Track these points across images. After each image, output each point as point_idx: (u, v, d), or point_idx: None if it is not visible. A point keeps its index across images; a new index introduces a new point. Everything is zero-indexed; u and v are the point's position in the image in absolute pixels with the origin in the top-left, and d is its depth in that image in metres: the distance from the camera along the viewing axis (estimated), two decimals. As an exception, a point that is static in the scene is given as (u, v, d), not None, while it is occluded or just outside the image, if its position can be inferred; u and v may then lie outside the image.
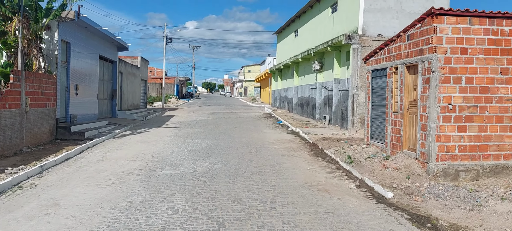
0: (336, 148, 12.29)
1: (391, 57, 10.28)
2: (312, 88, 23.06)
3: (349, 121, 16.68)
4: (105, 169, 9.81)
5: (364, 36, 16.60)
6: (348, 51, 17.74)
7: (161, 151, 12.35)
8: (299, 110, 26.25)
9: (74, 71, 16.52)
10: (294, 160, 11.03)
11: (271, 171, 9.49)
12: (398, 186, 7.98)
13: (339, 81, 18.68)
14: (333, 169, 10.03)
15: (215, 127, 19.64)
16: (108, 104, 22.61)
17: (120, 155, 11.74)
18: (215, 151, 12.30)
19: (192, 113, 29.68)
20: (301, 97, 25.65)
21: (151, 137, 15.75)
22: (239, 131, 17.79)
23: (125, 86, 25.74)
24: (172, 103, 46.55)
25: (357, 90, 16.53)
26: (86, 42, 17.87)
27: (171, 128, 19.22)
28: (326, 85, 20.58)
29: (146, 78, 33.48)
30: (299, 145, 13.83)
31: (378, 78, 11.25)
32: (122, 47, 23.27)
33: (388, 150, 10.27)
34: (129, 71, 27.05)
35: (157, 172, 9.38)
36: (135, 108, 28.23)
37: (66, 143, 13.74)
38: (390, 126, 10.22)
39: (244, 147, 13.15)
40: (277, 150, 12.57)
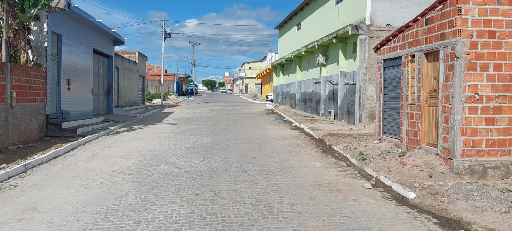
0: (345, 144, 11.43)
1: (407, 44, 9.40)
2: (316, 83, 22.19)
3: (356, 116, 15.81)
4: (95, 167, 8.97)
5: (372, 26, 15.72)
6: (355, 42, 16.86)
7: (157, 148, 11.51)
8: (302, 106, 25.39)
9: (66, 65, 15.66)
10: (301, 157, 10.17)
11: (276, 169, 8.64)
12: (420, 185, 7.12)
13: (345, 74, 17.81)
14: (344, 166, 9.17)
15: (215, 123, 18.79)
16: (104, 101, 21.76)
17: (113, 152, 10.91)
18: (215, 147, 11.45)
19: (192, 110, 28.83)
20: (305, 92, 24.78)
21: (148, 133, 14.90)
22: (240, 127, 16.94)
23: (122, 82, 24.89)
24: (172, 100, 45.67)
25: (364, 84, 15.66)
26: (79, 35, 17.01)
27: (169, 124, 18.38)
28: (331, 79, 19.71)
29: (144, 75, 32.62)
30: (304, 141, 12.97)
31: (391, 68, 10.38)
32: (118, 41, 22.41)
33: (403, 146, 9.41)
34: (126, 67, 26.19)
35: (151, 170, 8.53)
36: (132, 105, 27.38)
37: (57, 140, 12.90)
38: (405, 119, 9.36)
39: (246, 143, 12.30)
40: (281, 147, 11.71)
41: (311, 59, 23.14)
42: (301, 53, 23.74)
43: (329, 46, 20.06)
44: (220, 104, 36.97)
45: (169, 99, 46.88)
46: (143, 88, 32.60)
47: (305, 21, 25.06)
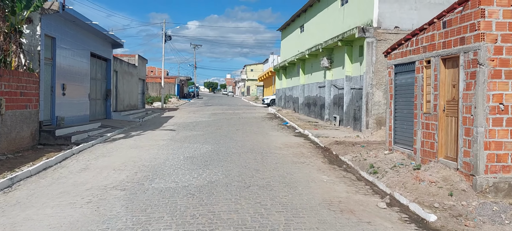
0: (353, 154, 10.77)
1: (421, 48, 8.75)
2: (320, 87, 21.53)
3: (363, 122, 15.15)
4: (86, 181, 8.35)
5: (380, 29, 15.07)
6: (361, 45, 16.21)
7: (154, 157, 10.88)
8: (305, 111, 24.73)
9: (61, 69, 15.05)
10: (307, 169, 9.51)
11: (281, 184, 7.98)
12: (441, 205, 6.45)
13: (351, 78, 17.15)
14: (354, 180, 8.51)
15: (216, 129, 18.15)
16: (102, 105, 21.16)
17: (107, 163, 10.28)
18: (215, 157, 10.80)
19: (193, 114, 28.21)
20: (308, 96, 24.13)
21: (145, 141, 14.27)
22: (242, 134, 16.29)
23: (120, 86, 24.29)
24: (172, 104, 45.08)
25: (372, 89, 15.00)
26: (75, 38, 16.41)
27: (168, 130, 17.75)
28: (336, 83, 19.05)
29: (144, 78, 32.03)
30: (309, 150, 12.32)
31: (403, 74, 9.72)
32: (117, 44, 21.82)
33: (418, 158, 8.74)
34: (125, 70, 25.60)
35: (146, 185, 7.90)
36: (132, 109, 26.78)
37: (49, 148, 12.29)
38: (420, 129, 8.69)
39: (248, 152, 11.66)
40: (285, 156, 11.06)
41: (315, 62, 22.49)
42: (305, 56, 23.10)
43: (334, 50, 19.41)
44: (222, 108, 36.36)
45: (169, 102, 46.29)
46: (143, 92, 32.02)
47: (309, 23, 24.43)
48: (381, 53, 15.03)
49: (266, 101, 42.66)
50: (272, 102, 40.10)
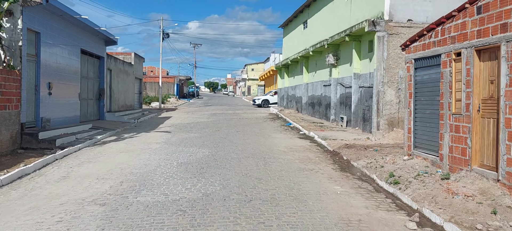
0: (367, 159, 9.61)
1: (449, 39, 7.59)
2: (326, 86, 20.37)
3: (373, 123, 14.00)
4: (63, 193, 7.23)
5: (391, 22, 13.91)
6: (371, 40, 15.06)
7: (144, 164, 9.74)
8: (309, 111, 23.57)
9: (47, 66, 13.93)
10: (316, 177, 8.36)
11: (288, 197, 6.83)
12: (485, 226, 5.29)
13: (359, 76, 15.99)
14: (372, 192, 7.35)
15: (215, 130, 17.00)
16: (95, 106, 20.03)
17: (91, 170, 9.15)
18: (213, 163, 9.66)
19: (191, 115, 27.07)
20: (312, 95, 22.96)
21: (138, 144, 13.13)
22: (242, 136, 15.14)
23: (115, 85, 23.16)
24: (171, 104, 43.93)
25: (383, 87, 13.84)
26: (63, 33, 15.28)
27: (164, 132, 16.60)
28: (342, 82, 17.89)
29: (141, 77, 30.90)
30: (317, 154, 11.16)
31: (426, 69, 8.56)
32: (110, 41, 20.69)
33: (445, 165, 7.59)
34: (121, 69, 24.46)
35: (130, 199, 6.76)
36: (128, 109, 25.65)
37: (31, 153, 11.17)
38: (447, 132, 7.54)
39: (249, 157, 10.51)
40: (291, 162, 9.91)
41: (320, 59, 21.33)
42: (309, 54, 21.94)
43: (340, 46, 18.25)
44: (222, 108, 35.23)
45: (168, 102, 45.17)
46: (140, 91, 30.89)
47: (313, 18, 23.27)
48: (393, 49, 13.88)
49: (257, 101, 38.47)
50: (264, 103, 37.40)
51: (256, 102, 38.46)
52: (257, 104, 37.91)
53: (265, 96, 39.30)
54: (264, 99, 38.13)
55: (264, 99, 38.22)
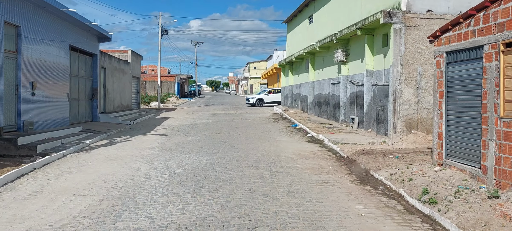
0: (389, 169, 8.30)
1: (495, 27, 6.25)
2: (334, 84, 19.03)
3: (389, 125, 12.67)
4: (29, 215, 6.00)
5: (409, 13, 12.56)
6: (386, 34, 13.72)
7: (132, 175, 8.46)
8: (316, 110, 22.23)
9: (29, 64, 12.67)
10: (333, 192, 7.05)
11: (302, 222, 5.54)
12: None
13: (372, 73, 14.65)
14: (402, 213, 6.04)
15: (215, 133, 15.70)
16: (87, 106, 18.77)
17: (70, 183, 7.90)
18: (211, 175, 8.36)
19: (191, 115, 25.80)
20: (319, 94, 21.61)
21: (129, 149, 11.86)
22: (244, 139, 13.84)
23: (110, 84, 21.89)
24: (171, 103, 42.67)
25: (400, 85, 12.50)
26: (48, 28, 14.01)
27: (160, 135, 15.32)
28: (353, 80, 16.55)
29: (139, 75, 29.63)
30: (330, 162, 9.84)
31: (462, 63, 7.23)
32: (103, 38, 19.41)
33: (490, 180, 6.26)
34: (116, 67, 23.19)
35: (107, 224, 5.49)
36: (124, 110, 24.39)
37: (8, 161, 9.90)
38: (493, 139, 6.21)
39: (253, 166, 9.21)
40: (301, 172, 8.60)
41: (327, 56, 19.98)
42: (315, 50, 20.58)
43: (351, 40, 16.90)
44: (223, 108, 33.92)
45: (168, 101, 43.93)
46: (137, 91, 29.61)
47: (319, 12, 21.91)
48: (411, 43, 12.54)
49: (251, 100, 35.75)
50: (259, 102, 34.95)
51: (250, 101, 35.77)
52: (251, 103, 35.36)
53: (259, 95, 36.53)
54: (259, 98, 35.46)
55: (259, 98, 35.58)
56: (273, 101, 35.54)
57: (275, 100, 35.42)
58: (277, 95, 35.77)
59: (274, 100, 35.52)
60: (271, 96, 35.97)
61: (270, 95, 36.22)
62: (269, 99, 35.85)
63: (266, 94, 36.37)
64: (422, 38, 12.63)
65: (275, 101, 35.34)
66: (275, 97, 35.74)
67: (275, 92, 36.53)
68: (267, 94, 36.41)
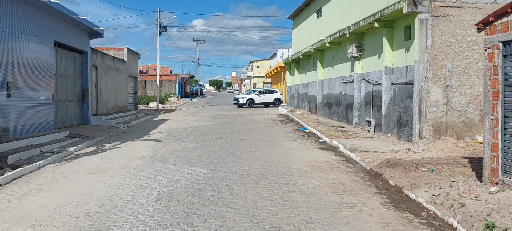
0: (428, 188, 6.71)
1: None
2: (346, 82, 17.42)
3: (414, 130, 11.07)
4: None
5: (437, 1, 10.96)
6: (408, 26, 12.13)
7: (112, 194, 6.93)
8: (325, 112, 20.61)
9: (4, 62, 11.16)
10: (363, 222, 5.47)
11: (331, 276, 3.95)
12: None
13: (391, 71, 13.04)
14: (465, 257, 4.44)
15: (215, 138, 14.14)
16: (76, 108, 17.26)
17: (34, 206, 6.39)
18: (207, 195, 6.80)
19: (191, 117, 24.26)
20: (329, 94, 19.99)
21: (116, 159, 10.33)
22: (248, 146, 12.28)
23: (103, 84, 20.38)
24: (172, 104, 41.15)
25: (427, 83, 10.90)
26: (27, 21, 12.50)
27: (154, 140, 13.77)
28: (368, 78, 14.94)
29: (136, 74, 28.12)
30: (351, 176, 8.25)
31: (529, 55, 5.62)
32: (95, 34, 17.90)
33: None
34: (110, 66, 21.67)
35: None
36: (119, 111, 22.89)
37: (-29, 175, 8.40)
38: None
39: (259, 183, 7.64)
40: (318, 192, 7.02)
41: (338, 52, 18.37)
42: (324, 46, 18.97)
43: (366, 35, 15.29)
44: (225, 108, 32.32)
45: (168, 102, 42.43)
46: (135, 91, 28.11)
47: (328, 5, 20.29)
48: (439, 35, 10.94)
49: (240, 100, 32.11)
50: (249, 103, 31.78)
51: (240, 101, 32.18)
52: (240, 104, 31.91)
53: (250, 95, 32.96)
54: (249, 99, 32.11)
55: (249, 98, 32.16)
56: (264, 102, 32.95)
57: (267, 101, 32.96)
58: (269, 96, 33.29)
59: (266, 101, 33.00)
60: (262, 97, 33.08)
61: (261, 96, 33.22)
62: (260, 100, 32.83)
63: (256, 95, 33.18)
64: (452, 30, 11.04)
65: (267, 102, 32.95)
66: (266, 98, 33.16)
67: (267, 92, 34.04)
68: (258, 94, 33.29)
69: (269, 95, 33.47)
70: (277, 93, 33.96)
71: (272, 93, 33.77)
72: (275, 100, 33.32)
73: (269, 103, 33.04)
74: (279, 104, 33.11)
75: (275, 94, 33.89)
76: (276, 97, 33.47)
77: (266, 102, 33.07)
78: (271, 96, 33.31)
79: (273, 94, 33.70)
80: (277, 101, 33.40)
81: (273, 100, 33.23)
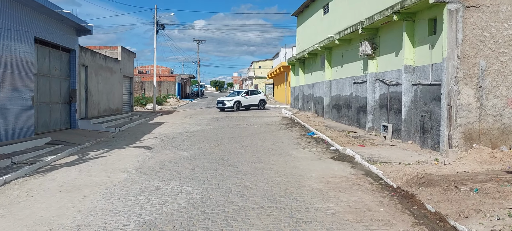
0: (482, 218, 5.24)
1: None
2: (357, 83, 15.92)
3: (443, 137, 9.57)
4: None
5: (469, -12, 9.47)
6: (433, 18, 10.65)
7: (78, 225, 5.51)
8: (334, 114, 19.11)
9: (-31, 59, 9.72)
10: (410, 276, 3.97)
11: None
12: None
13: (412, 69, 11.55)
14: None
15: (213, 146, 12.66)
16: (62, 112, 15.82)
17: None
18: (199, 227, 5.32)
19: (189, 120, 22.80)
20: (338, 96, 18.48)
21: (96, 172, 8.87)
22: (251, 155, 10.80)
23: (93, 85, 18.94)
24: (170, 105, 39.66)
25: (457, 84, 9.42)
26: (2, 15, 11.06)
27: (144, 148, 12.30)
28: (384, 78, 13.45)
29: (132, 75, 26.65)
30: (377, 198, 6.75)
31: None
32: (83, 30, 16.46)
33: None
34: (102, 65, 20.22)
35: None
36: (113, 114, 21.45)
37: None
38: None
39: (264, 207, 6.16)
40: (340, 221, 5.53)
41: (348, 50, 16.89)
42: (333, 43, 17.48)
43: (381, 30, 13.80)
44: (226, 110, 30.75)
45: (167, 103, 40.97)
46: (130, 92, 26.64)
47: (336, 0, 18.79)
48: (470, 28, 9.46)
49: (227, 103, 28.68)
50: (237, 105, 28.38)
51: (227, 104, 28.56)
52: (228, 107, 28.49)
53: (237, 97, 29.31)
54: (237, 101, 28.74)
55: (237, 100, 28.78)
56: (251, 104, 30.01)
57: (253, 103, 30.11)
58: (255, 97, 30.41)
59: (252, 103, 30.04)
60: (249, 99, 29.92)
61: (249, 97, 29.98)
62: (247, 102, 29.71)
63: (243, 96, 29.68)
64: (486, 22, 9.55)
65: (253, 104, 30.10)
66: (253, 99, 30.16)
67: (253, 93, 30.95)
68: (244, 96, 29.86)
69: (255, 96, 30.61)
70: (261, 95, 31.31)
71: (257, 95, 30.87)
72: (260, 102, 30.68)
73: (255, 105, 30.33)
74: (264, 106, 30.79)
75: (259, 96, 31.02)
76: (261, 99, 30.81)
77: (253, 104, 30.20)
78: (256, 98, 30.52)
79: (258, 95, 30.85)
80: (262, 103, 30.75)
81: (258, 102, 30.46)
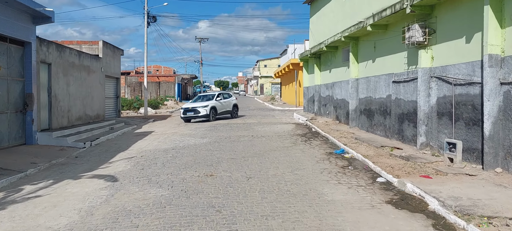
0: None
1: None
2: (399, 82, 12.06)
3: None
4: None
5: None
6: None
7: None
8: (362, 122, 15.22)
9: None
10: None
11: None
12: None
13: (501, 61, 7.73)
14: None
15: (205, 175, 8.87)
16: (13, 123, 12.18)
17: None
18: None
19: (182, 128, 19.08)
20: (368, 98, 14.58)
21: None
22: (259, 195, 7.01)
23: (60, 88, 15.28)
24: (167, 108, 35.93)
25: None
26: None
27: (106, 178, 8.56)
28: (445, 73, 9.60)
29: (118, 75, 22.96)
30: None
31: None
32: (41, 17, 12.81)
33: None
34: (74, 63, 16.55)
35: None
36: (90, 122, 17.80)
37: None
38: None
39: None
40: None
41: (384, 39, 13.06)
42: (364, 30, 13.59)
43: (438, 8, 9.96)
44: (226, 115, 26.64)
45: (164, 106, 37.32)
46: (116, 95, 22.95)
47: (364, -22, 14.97)
48: None
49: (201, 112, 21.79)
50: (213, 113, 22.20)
51: (201, 113, 21.81)
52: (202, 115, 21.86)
53: (212, 102, 22.69)
54: (212, 107, 22.37)
55: (212, 106, 22.40)
56: (225, 111, 23.76)
57: (227, 109, 23.90)
58: (229, 101, 24.22)
59: (226, 109, 23.89)
60: (226, 104, 23.90)
61: (226, 101, 23.99)
62: (223, 108, 23.55)
63: (218, 101, 23.38)
64: None
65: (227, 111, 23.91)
66: (227, 105, 24.01)
67: (225, 97, 24.46)
68: (220, 100, 23.64)
69: (228, 101, 24.34)
70: (232, 98, 24.96)
71: (229, 99, 24.65)
72: (234, 107, 24.58)
73: (228, 112, 24.15)
74: (237, 114, 24.92)
75: (232, 100, 24.72)
76: (234, 104, 24.67)
77: (227, 111, 24.00)
78: (230, 103, 24.36)
79: (230, 99, 24.68)
80: (235, 108, 24.74)
81: (231, 108, 24.36)
